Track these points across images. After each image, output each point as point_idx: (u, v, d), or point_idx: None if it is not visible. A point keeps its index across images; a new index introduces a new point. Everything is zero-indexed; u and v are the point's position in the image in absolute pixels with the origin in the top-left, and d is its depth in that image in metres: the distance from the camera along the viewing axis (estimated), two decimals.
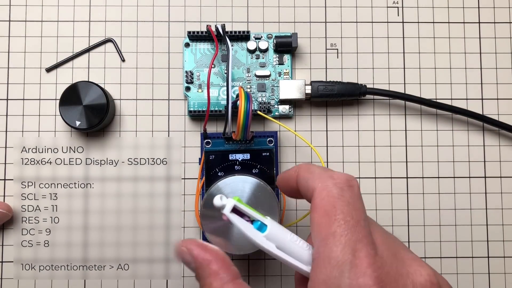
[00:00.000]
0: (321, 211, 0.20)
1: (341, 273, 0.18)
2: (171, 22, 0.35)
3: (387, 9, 0.36)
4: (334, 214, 0.19)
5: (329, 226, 0.19)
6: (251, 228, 0.22)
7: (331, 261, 0.19)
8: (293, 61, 0.35)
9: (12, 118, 0.34)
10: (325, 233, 0.19)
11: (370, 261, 0.18)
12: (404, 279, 0.19)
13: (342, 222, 0.19)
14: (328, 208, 0.20)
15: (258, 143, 0.33)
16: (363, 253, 0.18)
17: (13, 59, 0.34)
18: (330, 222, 0.19)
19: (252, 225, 0.22)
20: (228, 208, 0.22)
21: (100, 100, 0.32)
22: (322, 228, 0.19)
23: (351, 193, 0.20)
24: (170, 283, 0.34)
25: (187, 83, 0.34)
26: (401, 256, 0.20)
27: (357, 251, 0.18)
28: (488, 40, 0.36)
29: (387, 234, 0.21)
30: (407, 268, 0.19)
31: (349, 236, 0.19)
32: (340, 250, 0.19)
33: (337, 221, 0.19)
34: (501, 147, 0.35)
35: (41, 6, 0.35)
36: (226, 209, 0.22)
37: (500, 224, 0.35)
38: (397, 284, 0.18)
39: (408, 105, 0.35)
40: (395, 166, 0.35)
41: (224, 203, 0.22)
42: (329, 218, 0.19)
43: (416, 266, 0.19)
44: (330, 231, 0.19)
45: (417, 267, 0.19)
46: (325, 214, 0.20)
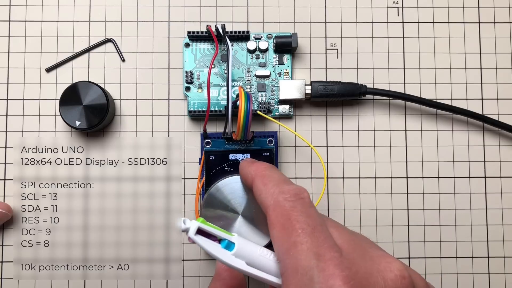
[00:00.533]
0: (278, 226, 0.20)
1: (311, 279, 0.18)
2: (171, 22, 0.35)
3: (387, 9, 0.36)
4: (291, 225, 0.20)
5: (288, 237, 0.20)
6: (218, 248, 0.22)
7: (299, 269, 0.19)
8: (293, 61, 0.35)
9: (12, 118, 0.34)
10: (286, 245, 0.20)
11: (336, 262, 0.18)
12: (374, 277, 0.19)
13: (299, 231, 0.20)
14: (284, 221, 0.20)
15: (258, 143, 0.33)
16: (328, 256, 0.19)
17: (13, 59, 0.34)
18: (289, 234, 0.20)
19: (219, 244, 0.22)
20: (192, 230, 0.22)
21: (100, 100, 0.32)
22: (283, 241, 0.20)
23: (302, 204, 0.21)
24: (170, 283, 0.34)
25: (187, 83, 0.34)
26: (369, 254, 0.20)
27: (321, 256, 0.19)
28: (488, 40, 0.36)
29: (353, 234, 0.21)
30: (377, 266, 0.19)
31: (309, 242, 0.19)
32: (304, 257, 0.19)
33: (294, 231, 0.20)
34: (501, 147, 0.35)
35: (41, 6, 0.35)
36: (191, 232, 0.22)
37: (500, 224, 0.35)
38: (367, 283, 0.18)
39: (408, 105, 0.35)
40: (395, 166, 0.35)
41: (187, 226, 0.22)
42: (286, 230, 0.20)
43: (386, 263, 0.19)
44: (291, 242, 0.19)
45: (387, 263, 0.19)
46: (282, 228, 0.20)
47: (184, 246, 0.34)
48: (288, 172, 0.34)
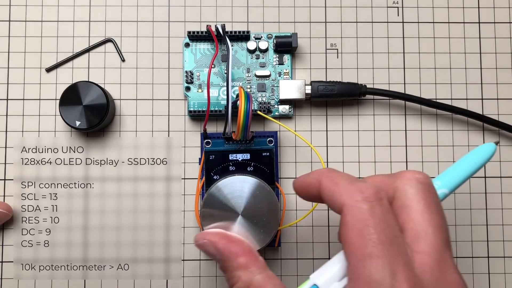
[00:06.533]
0: (354, 230, 0.19)
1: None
2: (171, 22, 0.35)
3: (387, 9, 0.36)
4: (368, 234, 0.19)
5: (364, 246, 0.19)
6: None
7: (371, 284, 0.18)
8: (293, 61, 0.35)
9: (12, 118, 0.34)
10: (361, 254, 0.19)
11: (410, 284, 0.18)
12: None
13: (377, 242, 0.19)
14: (361, 227, 0.19)
15: (258, 143, 0.33)
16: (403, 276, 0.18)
17: (13, 59, 0.34)
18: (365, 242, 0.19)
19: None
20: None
21: (100, 100, 0.32)
22: (357, 248, 0.19)
23: (381, 208, 0.20)
24: (170, 283, 0.34)
25: (187, 83, 0.34)
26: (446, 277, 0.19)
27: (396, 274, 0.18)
28: (488, 40, 0.36)
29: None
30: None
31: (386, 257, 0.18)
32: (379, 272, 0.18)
33: (372, 241, 0.19)
34: (501, 147, 0.35)
35: (41, 6, 0.35)
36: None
37: (500, 224, 0.35)
38: None
39: (408, 105, 0.35)
40: (395, 166, 0.35)
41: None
42: (363, 238, 0.19)
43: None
44: (366, 252, 0.19)
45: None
46: (358, 233, 0.19)
47: (184, 246, 0.34)
48: (288, 172, 0.34)
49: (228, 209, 0.29)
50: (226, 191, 0.29)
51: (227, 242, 0.24)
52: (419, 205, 0.20)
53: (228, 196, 0.29)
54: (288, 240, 0.34)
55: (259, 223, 0.29)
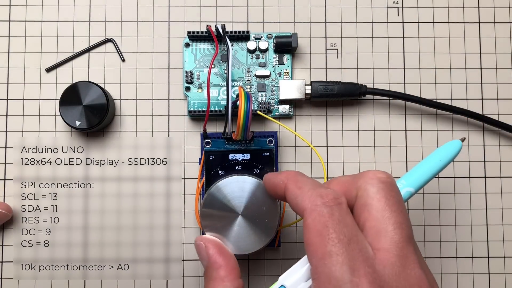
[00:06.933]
0: (314, 231, 0.20)
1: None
2: (171, 22, 0.35)
3: (387, 9, 0.36)
4: (327, 233, 0.20)
5: (324, 245, 0.20)
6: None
7: (332, 281, 0.19)
8: (293, 61, 0.35)
9: (12, 118, 0.34)
10: (321, 253, 0.20)
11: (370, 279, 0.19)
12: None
13: (336, 241, 0.20)
14: (321, 228, 0.20)
15: (258, 143, 0.33)
16: (362, 272, 0.19)
17: (13, 59, 0.34)
18: (325, 242, 0.20)
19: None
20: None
21: (100, 100, 0.32)
22: (318, 248, 0.20)
23: (340, 211, 0.21)
24: (170, 283, 0.34)
25: (187, 83, 0.34)
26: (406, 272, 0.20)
27: (356, 270, 0.19)
28: (488, 40, 0.36)
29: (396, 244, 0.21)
30: None
31: (344, 254, 0.19)
32: (338, 269, 0.19)
33: (331, 240, 0.20)
34: (501, 147, 0.35)
35: (41, 6, 0.35)
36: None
37: (500, 224, 0.35)
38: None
39: (408, 105, 0.35)
40: (395, 166, 0.35)
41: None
42: (322, 238, 0.20)
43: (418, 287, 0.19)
44: (326, 251, 0.19)
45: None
46: (318, 234, 0.20)
47: (184, 246, 0.34)
48: None
49: (228, 209, 0.29)
50: (226, 191, 0.29)
51: (216, 252, 0.26)
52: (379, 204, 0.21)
53: (228, 196, 0.29)
54: (288, 240, 0.34)
55: (259, 223, 0.29)
